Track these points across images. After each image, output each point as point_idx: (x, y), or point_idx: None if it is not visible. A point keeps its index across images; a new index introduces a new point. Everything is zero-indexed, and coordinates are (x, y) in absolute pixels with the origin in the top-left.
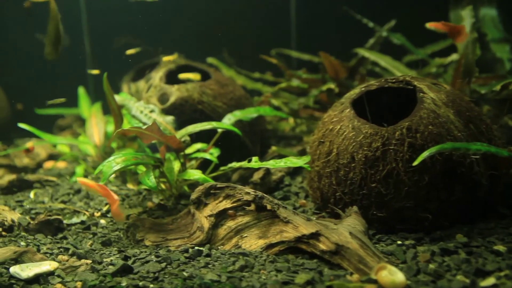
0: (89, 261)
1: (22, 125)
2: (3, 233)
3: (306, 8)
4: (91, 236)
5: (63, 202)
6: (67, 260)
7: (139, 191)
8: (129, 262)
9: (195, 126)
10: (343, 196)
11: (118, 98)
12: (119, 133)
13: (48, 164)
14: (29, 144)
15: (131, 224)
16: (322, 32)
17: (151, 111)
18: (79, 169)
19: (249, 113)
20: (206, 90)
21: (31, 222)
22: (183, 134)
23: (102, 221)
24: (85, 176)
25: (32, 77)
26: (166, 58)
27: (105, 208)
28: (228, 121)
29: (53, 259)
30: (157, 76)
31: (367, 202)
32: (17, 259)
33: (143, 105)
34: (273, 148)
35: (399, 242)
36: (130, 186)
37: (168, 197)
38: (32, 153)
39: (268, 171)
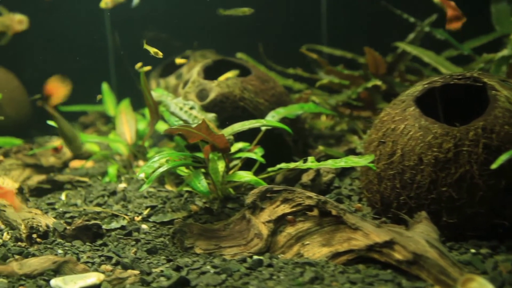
0: (136, 272)
1: (51, 123)
2: (38, 239)
3: (338, 3)
4: (134, 243)
5: (99, 205)
6: (111, 271)
7: (180, 193)
8: (183, 273)
9: (242, 124)
10: (408, 201)
11: (154, 94)
12: (166, 132)
13: (75, 164)
14: (57, 142)
15: (178, 230)
16: (352, 27)
17: (191, 108)
18: (112, 169)
19: (294, 110)
20: (247, 86)
21: (67, 227)
22: (229, 132)
23: (144, 226)
24: (118, 176)
25: (53, 73)
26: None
27: (145, 212)
28: (272, 119)
29: (96, 270)
30: (194, 71)
31: (436, 207)
32: (57, 270)
33: (182, 101)
34: (320, 147)
35: (473, 251)
36: (168, 187)
37: (212, 200)
38: (59, 152)
39: (318, 173)
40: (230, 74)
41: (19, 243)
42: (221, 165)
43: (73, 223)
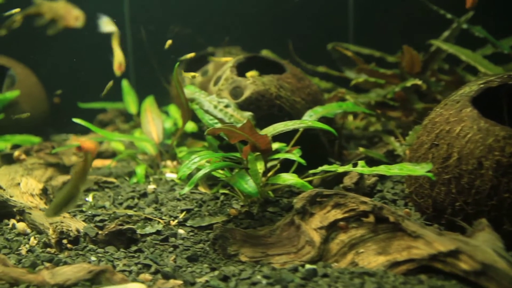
0: (179, 282)
1: (77, 120)
2: (69, 245)
3: (365, 0)
4: (172, 249)
5: (129, 207)
6: (151, 280)
7: (215, 196)
8: (231, 284)
9: (285, 124)
10: (465, 207)
11: (187, 91)
12: (209, 132)
13: (97, 163)
14: (74, 141)
15: (219, 236)
16: (379, 25)
17: (226, 106)
18: (140, 169)
19: (332, 109)
20: (283, 84)
21: (99, 232)
22: (271, 132)
23: (181, 231)
24: (146, 176)
25: (70, 70)
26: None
27: (181, 216)
28: (309, 118)
29: (134, 279)
30: (227, 67)
31: (496, 214)
32: (93, 280)
33: (216, 99)
34: (361, 149)
35: None
36: (202, 189)
37: (251, 203)
38: (79, 151)
39: (362, 176)
40: (251, 73)
41: (48, 249)
42: (259, 166)
43: (105, 227)
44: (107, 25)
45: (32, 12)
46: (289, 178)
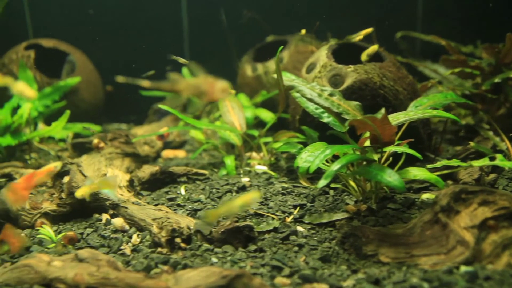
0: (324, 286)
1: (162, 106)
2: (182, 244)
3: None
4: (297, 248)
5: None
6: (290, 285)
7: (323, 190)
8: None
9: (406, 114)
10: None
11: (285, 78)
12: (351, 123)
13: (167, 153)
14: (163, 129)
15: (349, 234)
16: (449, 15)
17: (330, 95)
18: (230, 160)
19: (439, 100)
20: (386, 72)
21: (213, 229)
22: (392, 123)
23: (300, 228)
24: (236, 167)
25: (124, 57)
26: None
27: (295, 212)
28: (415, 110)
29: (272, 285)
30: (322, 54)
31: None
32: (228, 286)
33: (318, 87)
34: (471, 143)
35: None
36: (303, 183)
37: (365, 199)
38: (164, 140)
39: (482, 172)
40: (370, 50)
41: (159, 249)
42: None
43: (220, 224)
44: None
45: (166, 89)
46: (419, 173)
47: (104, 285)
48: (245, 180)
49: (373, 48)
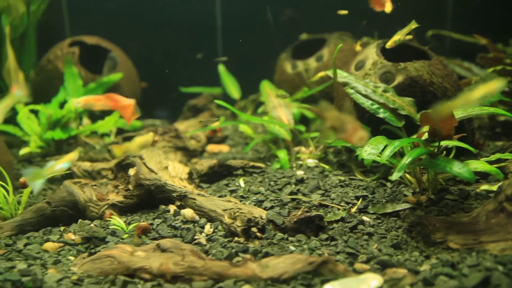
0: (402, 270)
1: (218, 102)
2: (258, 234)
3: None
4: (366, 237)
5: (292, 193)
6: (369, 270)
7: (380, 182)
8: (465, 271)
9: (464, 110)
10: None
11: (339, 75)
12: (422, 115)
13: (212, 148)
14: (215, 124)
15: (416, 223)
16: (479, 13)
17: (384, 91)
18: (283, 154)
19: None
20: (434, 70)
21: (285, 219)
22: None
23: (366, 218)
24: (288, 161)
25: (157, 53)
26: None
27: (359, 203)
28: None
29: (354, 270)
30: (371, 52)
31: None
32: (315, 272)
33: (372, 83)
34: None
35: None
36: (358, 175)
37: (422, 190)
38: (216, 134)
39: None
40: (395, 38)
41: (236, 238)
42: None
43: (290, 214)
44: None
45: (314, 112)
46: (479, 165)
47: (190, 273)
48: (299, 173)
49: (398, 37)
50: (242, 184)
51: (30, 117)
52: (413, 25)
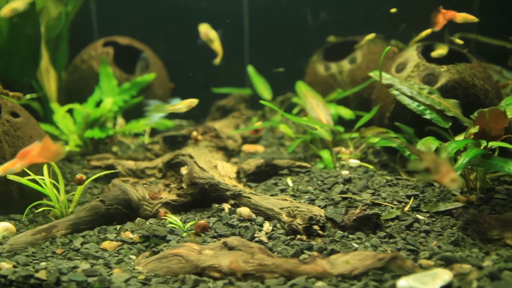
0: (467, 266)
1: (264, 102)
2: (320, 232)
3: None
4: (423, 234)
5: (342, 192)
6: (433, 266)
7: (428, 182)
8: None
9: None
10: None
11: (384, 77)
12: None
13: (248, 148)
14: (258, 123)
15: (471, 221)
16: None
17: (429, 93)
18: (326, 154)
19: None
20: (476, 72)
21: (343, 217)
22: None
23: (420, 217)
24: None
25: (184, 54)
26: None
27: (411, 202)
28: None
29: (420, 266)
30: (413, 54)
31: None
32: (384, 268)
33: (417, 85)
34: None
35: None
36: (403, 175)
37: (469, 189)
38: (258, 133)
39: None
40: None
41: (298, 236)
42: None
43: (348, 213)
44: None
45: (414, 152)
46: None
47: (261, 271)
48: (344, 172)
49: (445, 48)
50: (290, 184)
51: (65, 116)
52: (458, 41)
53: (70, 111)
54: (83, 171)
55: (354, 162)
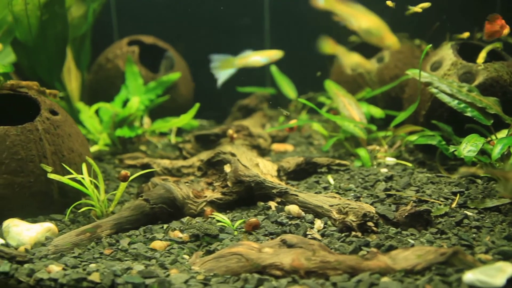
0: None
1: (301, 100)
2: (374, 228)
3: None
4: (475, 230)
5: (386, 189)
6: (492, 260)
7: (470, 180)
8: None
9: None
10: None
11: (423, 75)
12: None
13: (278, 147)
14: (293, 121)
15: None
16: None
17: (469, 91)
18: (364, 152)
19: None
20: None
21: (395, 214)
22: None
23: (469, 213)
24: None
25: (205, 53)
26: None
27: (457, 198)
28: None
29: (479, 260)
30: (448, 53)
31: None
32: (447, 262)
33: (456, 83)
34: None
35: None
36: (443, 172)
37: None
38: (293, 131)
39: None
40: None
41: (353, 233)
42: None
43: (399, 209)
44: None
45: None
46: None
47: (324, 268)
48: (383, 170)
49: (487, 49)
50: (332, 181)
51: (92, 116)
52: (498, 44)
53: (96, 110)
54: (116, 170)
55: (391, 160)
